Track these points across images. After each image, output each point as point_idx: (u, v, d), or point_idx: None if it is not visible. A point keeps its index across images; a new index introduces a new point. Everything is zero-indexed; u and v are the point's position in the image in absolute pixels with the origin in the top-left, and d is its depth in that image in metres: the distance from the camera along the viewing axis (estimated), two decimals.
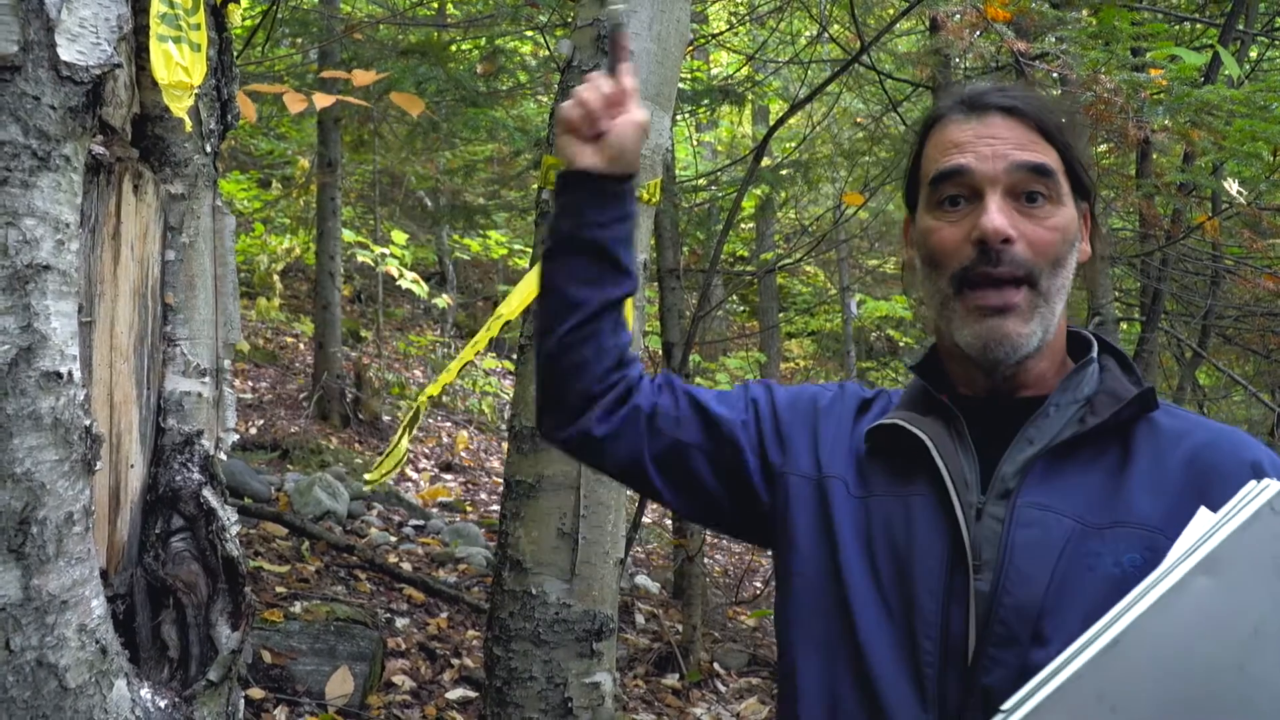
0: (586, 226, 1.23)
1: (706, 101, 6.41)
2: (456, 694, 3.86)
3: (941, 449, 1.09)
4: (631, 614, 5.38)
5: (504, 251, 11.55)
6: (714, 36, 7.35)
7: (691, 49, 5.98)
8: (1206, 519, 0.91)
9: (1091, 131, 3.90)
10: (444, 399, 10.15)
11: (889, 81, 6.09)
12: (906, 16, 5.40)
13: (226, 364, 1.70)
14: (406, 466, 7.69)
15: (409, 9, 7.75)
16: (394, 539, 5.63)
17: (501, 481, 2.72)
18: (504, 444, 8.36)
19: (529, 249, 4.27)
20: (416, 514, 6.34)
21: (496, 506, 6.28)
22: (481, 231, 10.76)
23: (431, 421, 9.52)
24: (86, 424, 1.30)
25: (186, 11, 1.53)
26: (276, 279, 10.93)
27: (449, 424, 9.72)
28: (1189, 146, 4.22)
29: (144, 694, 1.42)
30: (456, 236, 11.71)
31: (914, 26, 7.17)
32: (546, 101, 7.69)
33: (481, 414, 10.31)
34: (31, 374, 1.22)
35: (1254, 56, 6.20)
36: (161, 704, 1.44)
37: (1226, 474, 1.01)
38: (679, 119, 6.60)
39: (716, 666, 5.07)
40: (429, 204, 10.74)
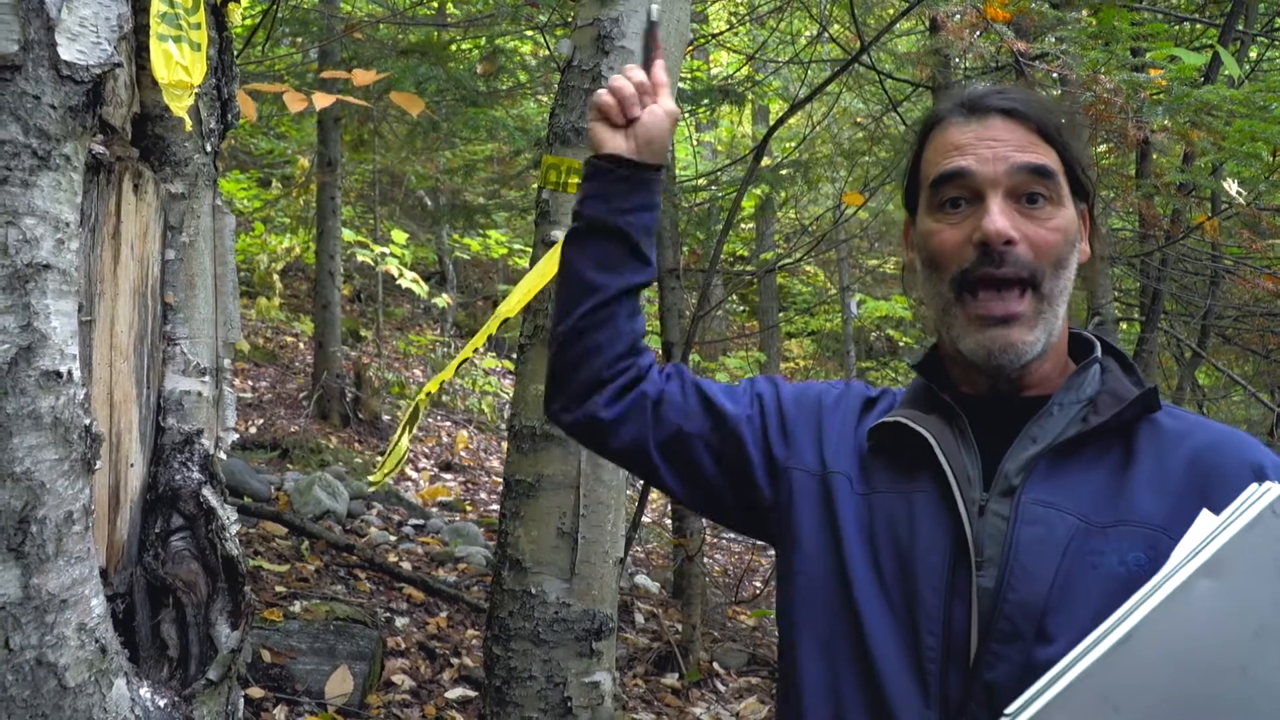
0: (611, 212, 1.25)
1: (706, 101, 6.41)
2: (456, 693, 3.86)
3: (944, 446, 1.10)
4: (631, 613, 5.38)
5: (504, 251, 11.54)
6: (714, 36, 7.35)
7: (691, 49, 5.98)
8: (1208, 521, 0.92)
9: (1091, 132, 3.90)
10: (444, 398, 10.15)
11: (889, 81, 6.08)
12: (906, 16, 5.40)
13: (226, 363, 1.70)
14: (406, 466, 7.68)
15: (409, 8, 7.74)
16: (394, 538, 5.63)
17: (501, 481, 2.72)
18: (504, 443, 8.35)
19: (529, 249, 4.26)
20: (416, 513, 6.34)
21: (496, 506, 6.27)
22: (481, 231, 10.76)
23: (431, 421, 9.52)
24: (86, 423, 1.30)
25: (187, 11, 1.52)
26: (276, 278, 10.92)
27: (449, 423, 9.72)
28: (1188, 147, 4.22)
29: (143, 693, 1.42)
30: (456, 236, 11.70)
31: (914, 26, 7.17)
32: (546, 101, 7.69)
33: (481, 413, 10.31)
34: (31, 373, 1.21)
35: (1254, 57, 6.20)
36: (161, 703, 1.44)
37: (1228, 475, 1.02)
38: (679, 119, 6.58)
39: (716, 666, 5.07)
40: (429, 203, 10.74)
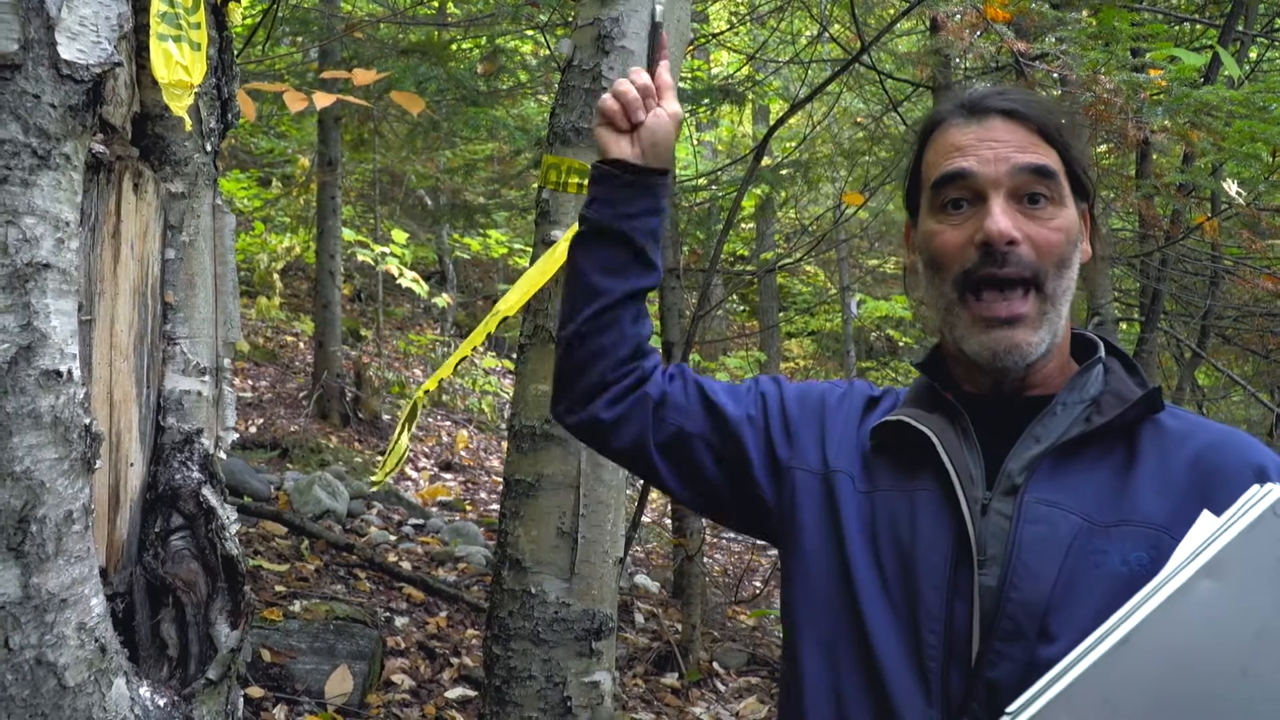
0: (616, 217, 1.25)
1: (707, 101, 6.41)
2: (456, 693, 3.86)
3: (946, 445, 1.10)
4: (631, 613, 5.38)
5: (504, 251, 11.54)
6: (714, 36, 7.35)
7: (692, 48, 5.98)
8: (1210, 522, 0.92)
9: (1091, 132, 3.90)
10: (443, 398, 10.15)
11: (889, 81, 6.08)
12: (907, 16, 5.40)
13: (226, 362, 1.70)
14: (406, 466, 7.68)
15: (409, 8, 7.74)
16: (393, 538, 5.63)
17: (501, 480, 2.72)
18: (504, 443, 8.35)
19: (529, 248, 4.27)
20: (416, 513, 6.34)
21: (496, 505, 6.28)
22: (481, 230, 10.75)
23: (431, 420, 9.52)
24: (86, 422, 1.30)
25: (187, 10, 1.52)
26: (276, 278, 10.92)
27: (449, 423, 9.72)
28: (1188, 147, 4.22)
29: (143, 692, 1.42)
30: (456, 235, 11.70)
31: (914, 26, 7.17)
32: (547, 101, 7.69)
33: (481, 413, 10.31)
34: (31, 372, 1.21)
35: (1253, 57, 6.20)
36: (160, 702, 1.44)
37: (1230, 476, 1.02)
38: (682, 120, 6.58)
39: (716, 666, 5.07)
40: (429, 203, 10.73)
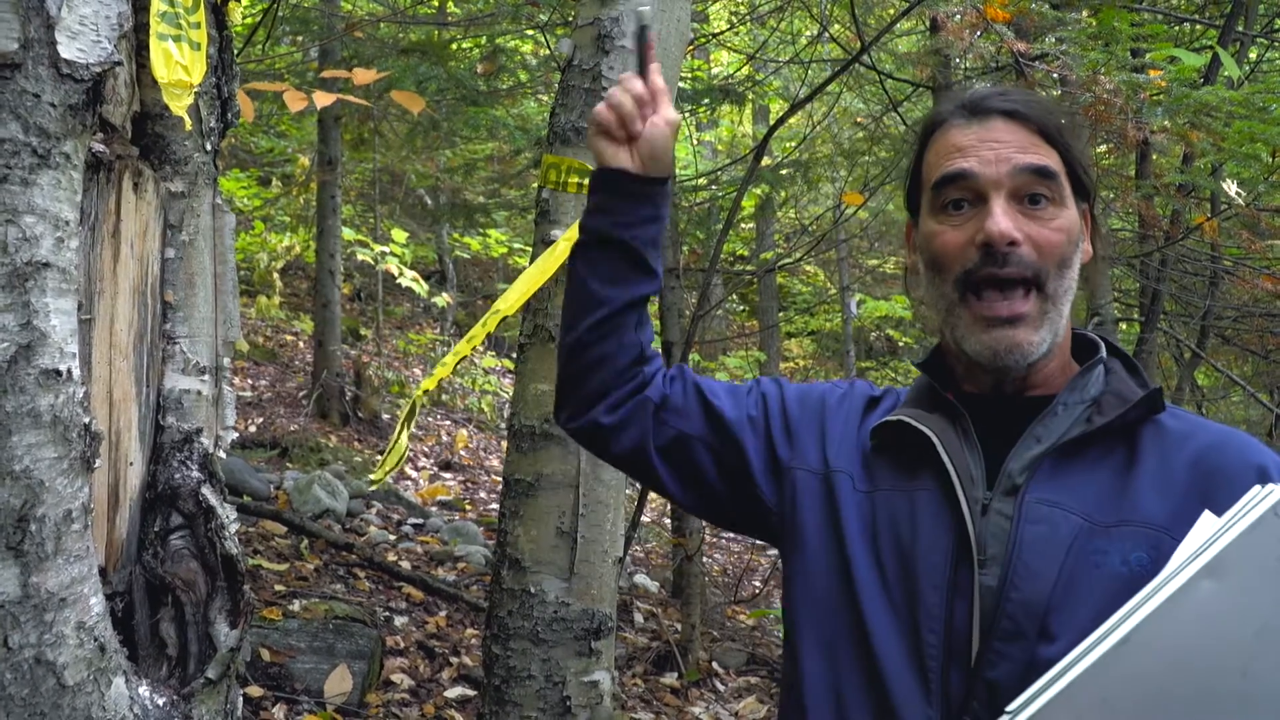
0: (615, 226, 1.25)
1: (707, 101, 6.41)
2: (455, 692, 3.86)
3: (947, 445, 1.10)
4: (630, 613, 5.38)
5: (504, 250, 11.54)
6: (714, 36, 7.34)
7: (692, 48, 5.97)
8: (1211, 523, 0.92)
9: (1091, 132, 3.90)
10: (443, 398, 10.15)
11: (889, 81, 6.08)
12: (907, 16, 5.40)
13: (226, 362, 1.70)
14: (405, 465, 7.68)
15: (410, 7, 7.74)
16: (393, 537, 5.63)
17: (500, 480, 2.72)
18: (503, 443, 8.36)
19: (529, 248, 4.26)
20: (415, 512, 6.34)
21: (495, 505, 6.27)
22: (481, 230, 10.75)
23: (431, 420, 9.52)
24: (85, 421, 1.30)
25: (187, 10, 1.52)
26: (276, 277, 10.92)
27: (448, 422, 9.72)
28: (1188, 148, 4.22)
29: (142, 691, 1.42)
30: (456, 235, 11.70)
31: (914, 26, 7.17)
32: (547, 100, 7.69)
33: (481, 412, 10.31)
34: (31, 371, 1.21)
35: (1253, 58, 6.20)
36: (160, 701, 1.44)
37: (1232, 476, 1.02)
38: (680, 125, 6.58)
39: (715, 665, 5.07)
40: (429, 202, 10.73)
